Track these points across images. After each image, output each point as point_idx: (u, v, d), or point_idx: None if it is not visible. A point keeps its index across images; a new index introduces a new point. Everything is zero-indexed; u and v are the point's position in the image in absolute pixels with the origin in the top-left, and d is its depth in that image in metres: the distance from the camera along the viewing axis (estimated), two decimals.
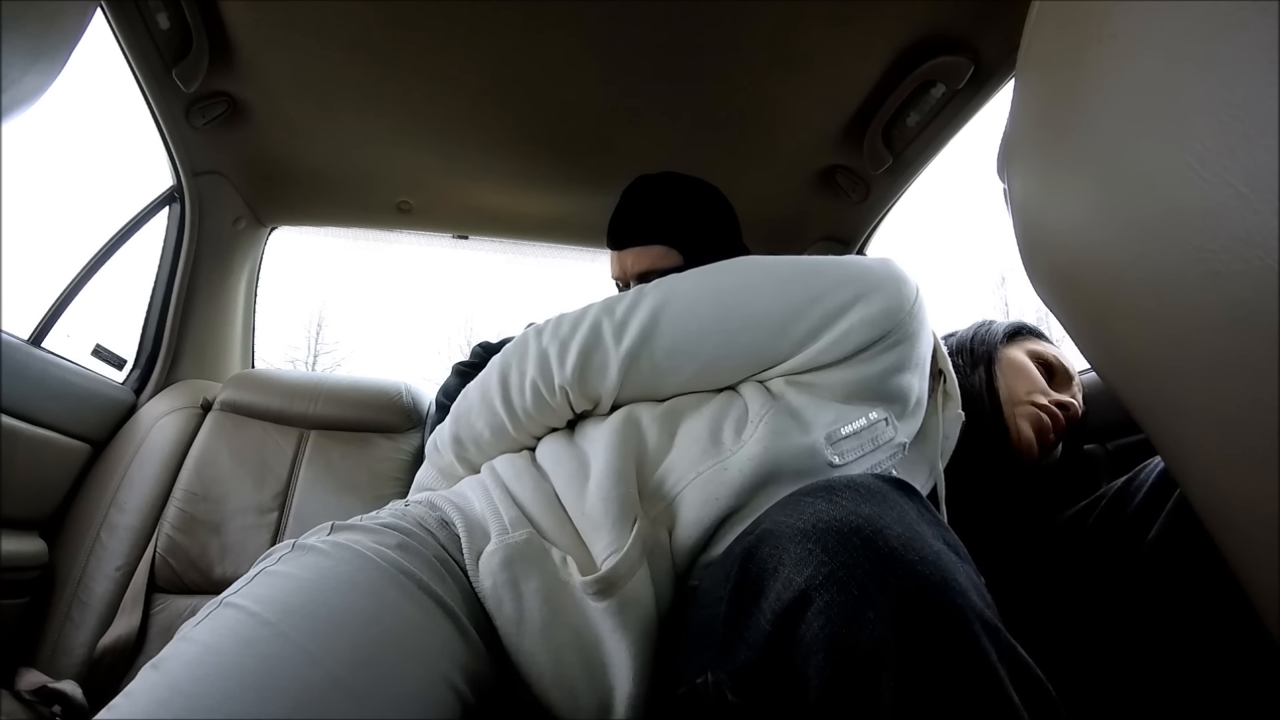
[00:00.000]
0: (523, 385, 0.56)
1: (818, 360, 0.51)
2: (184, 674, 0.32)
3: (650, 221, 0.85)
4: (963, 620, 0.29)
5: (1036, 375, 0.72)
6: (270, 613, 0.35)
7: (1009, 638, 0.30)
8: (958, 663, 0.28)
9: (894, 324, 0.51)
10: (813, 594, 0.30)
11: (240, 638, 0.34)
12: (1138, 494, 0.57)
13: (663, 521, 0.48)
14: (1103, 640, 0.55)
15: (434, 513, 0.50)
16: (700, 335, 0.53)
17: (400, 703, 0.35)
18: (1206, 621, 0.48)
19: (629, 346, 0.53)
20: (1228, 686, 0.47)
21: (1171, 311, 0.27)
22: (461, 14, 0.85)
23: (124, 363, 1.20)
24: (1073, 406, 0.71)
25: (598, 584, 0.42)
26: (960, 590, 0.30)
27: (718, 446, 0.49)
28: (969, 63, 0.87)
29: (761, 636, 0.32)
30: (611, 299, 0.57)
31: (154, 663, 0.34)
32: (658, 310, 0.53)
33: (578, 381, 0.54)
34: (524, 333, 0.59)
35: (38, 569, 0.96)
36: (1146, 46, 0.26)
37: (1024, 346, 0.75)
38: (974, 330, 0.77)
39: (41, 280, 1.10)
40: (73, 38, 0.59)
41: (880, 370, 0.51)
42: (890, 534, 0.31)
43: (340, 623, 0.35)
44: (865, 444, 0.49)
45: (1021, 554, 0.65)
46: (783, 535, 0.34)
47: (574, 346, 0.54)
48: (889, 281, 0.52)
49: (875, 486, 0.36)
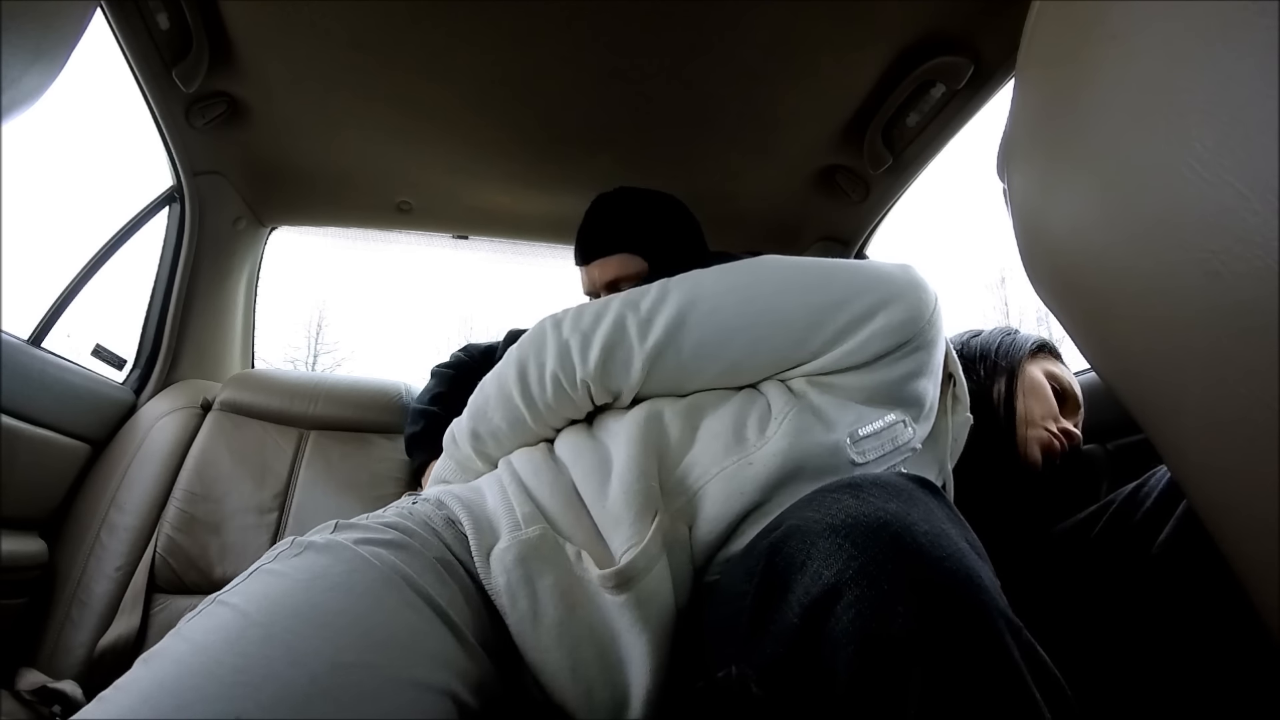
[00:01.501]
0: (542, 377, 0.56)
1: (839, 364, 0.52)
2: (171, 670, 0.32)
3: (612, 232, 0.88)
4: (989, 616, 0.29)
5: (1052, 400, 0.74)
6: (259, 612, 0.35)
7: (1029, 636, 0.30)
8: (983, 658, 0.28)
9: (914, 332, 0.51)
10: (843, 588, 0.30)
11: (227, 636, 0.34)
12: (1147, 500, 0.57)
13: (683, 516, 0.48)
14: (1110, 645, 0.55)
15: (441, 511, 0.50)
16: (726, 336, 0.53)
17: (387, 705, 0.34)
18: (1214, 627, 0.48)
19: (654, 344, 0.53)
20: (1235, 690, 0.47)
21: (1171, 311, 0.27)
22: (461, 14, 0.85)
23: (124, 363, 1.20)
24: (1076, 437, 0.74)
25: (615, 577, 0.42)
26: (985, 588, 0.30)
27: (742, 443, 0.49)
28: (969, 63, 0.87)
29: (789, 630, 0.32)
30: (635, 292, 0.56)
31: (145, 657, 0.35)
32: (685, 309, 0.54)
33: (600, 376, 0.54)
34: (540, 324, 0.59)
35: (37, 569, 0.96)
36: (1146, 46, 0.26)
37: (1044, 366, 0.76)
38: (999, 339, 0.78)
39: (41, 280, 1.10)
40: (73, 38, 0.59)
41: (898, 376, 0.52)
42: (918, 530, 0.32)
43: (328, 624, 0.35)
44: (885, 444, 0.50)
45: (1029, 558, 0.65)
46: (810, 530, 0.34)
47: (597, 340, 0.54)
48: (910, 290, 0.52)
49: (901, 484, 0.36)
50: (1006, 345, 0.76)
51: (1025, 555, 0.65)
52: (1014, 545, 0.66)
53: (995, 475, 0.70)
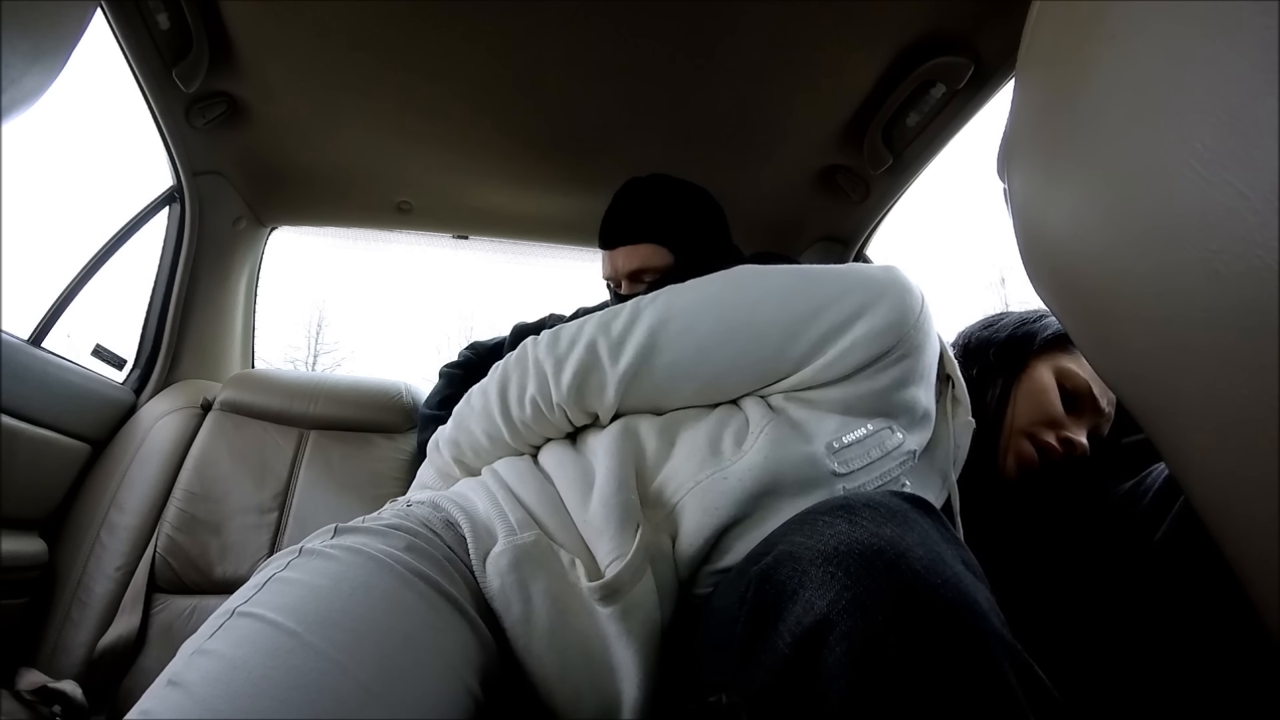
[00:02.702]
0: (522, 399, 0.56)
1: (820, 378, 0.50)
2: (210, 690, 0.31)
3: (641, 220, 0.86)
4: (985, 647, 0.29)
5: (1053, 403, 0.66)
6: (291, 621, 0.34)
7: (1026, 658, 0.30)
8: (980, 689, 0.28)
9: (899, 337, 0.49)
10: (835, 619, 0.30)
11: (264, 649, 0.33)
12: (1145, 496, 0.57)
13: (665, 529, 0.47)
14: (1109, 642, 0.55)
15: (438, 513, 0.50)
16: (700, 354, 0.52)
17: (424, 704, 0.34)
18: (1213, 624, 0.48)
19: (626, 367, 0.52)
20: (1234, 689, 0.47)
21: (1172, 312, 0.27)
22: (462, 14, 0.85)
23: (124, 363, 1.20)
24: (1080, 447, 0.65)
25: (602, 589, 0.42)
26: (982, 614, 0.30)
27: (717, 456, 0.48)
28: (969, 63, 0.87)
29: (779, 660, 0.31)
30: (608, 314, 0.55)
31: (172, 678, 0.32)
32: (656, 329, 0.52)
33: (575, 400, 0.54)
34: (523, 344, 0.58)
35: (38, 569, 0.96)
36: (1146, 46, 0.26)
37: (1057, 363, 0.68)
38: (1009, 333, 0.71)
39: (41, 280, 1.10)
40: (73, 38, 0.59)
41: (884, 386, 0.50)
42: (913, 557, 0.31)
43: (363, 630, 0.35)
44: (871, 450, 0.48)
45: (1028, 556, 0.65)
46: (802, 558, 0.33)
47: (569, 365, 0.53)
48: (893, 290, 0.50)
49: (895, 506, 0.35)
50: (1013, 341, 0.70)
51: (1026, 552, 0.65)
52: (1015, 544, 0.66)
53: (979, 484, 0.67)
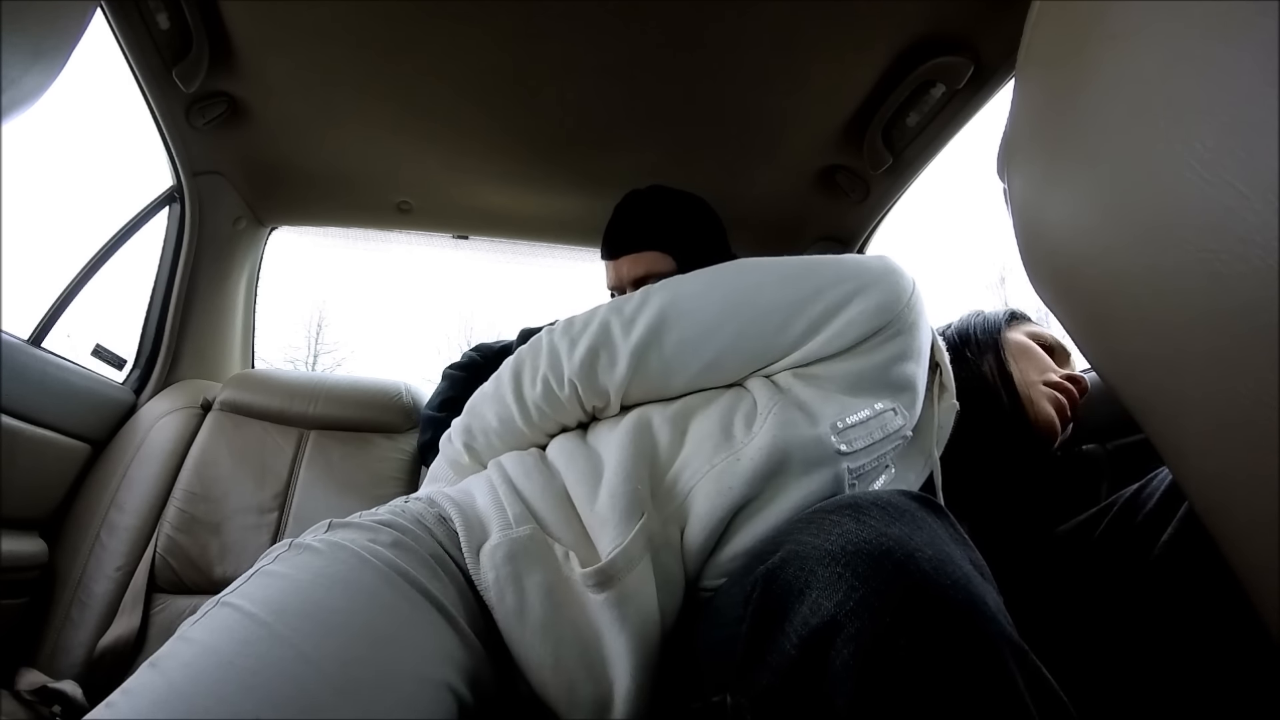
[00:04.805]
0: (534, 379, 0.58)
1: (821, 352, 0.53)
2: (181, 673, 0.32)
3: (643, 229, 0.89)
4: (994, 648, 0.29)
5: (1043, 355, 0.74)
6: (265, 613, 0.35)
7: (1035, 660, 0.30)
8: (988, 691, 0.28)
9: (892, 315, 0.52)
10: (843, 621, 0.30)
11: (236, 638, 0.34)
12: (1149, 501, 0.57)
13: (675, 520, 0.48)
14: (1111, 647, 0.55)
15: (432, 509, 0.51)
16: (707, 330, 0.54)
17: (394, 702, 0.35)
18: (1216, 629, 0.48)
19: (637, 341, 0.54)
20: (1236, 692, 0.47)
21: (1172, 311, 0.27)
22: (462, 14, 0.85)
23: (124, 363, 1.20)
24: (1083, 380, 0.72)
25: (596, 575, 0.43)
26: (990, 616, 0.30)
27: (730, 440, 0.49)
28: (969, 63, 0.87)
29: (785, 661, 0.31)
30: (620, 299, 0.58)
31: (152, 661, 0.34)
32: (665, 307, 0.55)
33: (586, 375, 0.55)
34: (538, 334, 0.61)
35: (37, 569, 0.96)
36: (1146, 46, 0.26)
37: (1022, 329, 0.76)
38: (970, 320, 0.78)
39: (41, 280, 1.10)
40: (73, 38, 0.59)
41: (883, 360, 0.52)
42: (921, 557, 0.31)
43: (334, 622, 0.36)
44: (874, 432, 0.50)
45: (1030, 561, 0.65)
46: (809, 557, 0.33)
47: (583, 342, 0.56)
48: (886, 275, 0.53)
49: (903, 505, 0.35)
50: (980, 322, 0.77)
51: (1027, 557, 0.65)
52: (1016, 547, 0.66)
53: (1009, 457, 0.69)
